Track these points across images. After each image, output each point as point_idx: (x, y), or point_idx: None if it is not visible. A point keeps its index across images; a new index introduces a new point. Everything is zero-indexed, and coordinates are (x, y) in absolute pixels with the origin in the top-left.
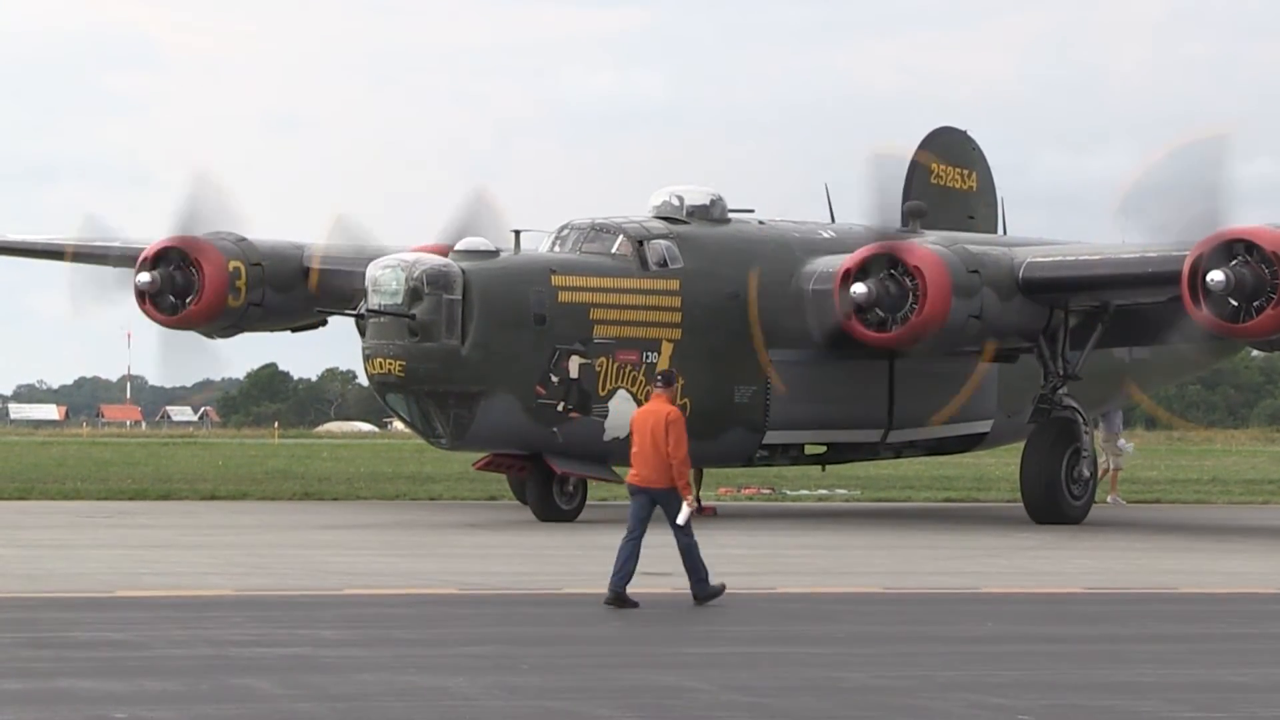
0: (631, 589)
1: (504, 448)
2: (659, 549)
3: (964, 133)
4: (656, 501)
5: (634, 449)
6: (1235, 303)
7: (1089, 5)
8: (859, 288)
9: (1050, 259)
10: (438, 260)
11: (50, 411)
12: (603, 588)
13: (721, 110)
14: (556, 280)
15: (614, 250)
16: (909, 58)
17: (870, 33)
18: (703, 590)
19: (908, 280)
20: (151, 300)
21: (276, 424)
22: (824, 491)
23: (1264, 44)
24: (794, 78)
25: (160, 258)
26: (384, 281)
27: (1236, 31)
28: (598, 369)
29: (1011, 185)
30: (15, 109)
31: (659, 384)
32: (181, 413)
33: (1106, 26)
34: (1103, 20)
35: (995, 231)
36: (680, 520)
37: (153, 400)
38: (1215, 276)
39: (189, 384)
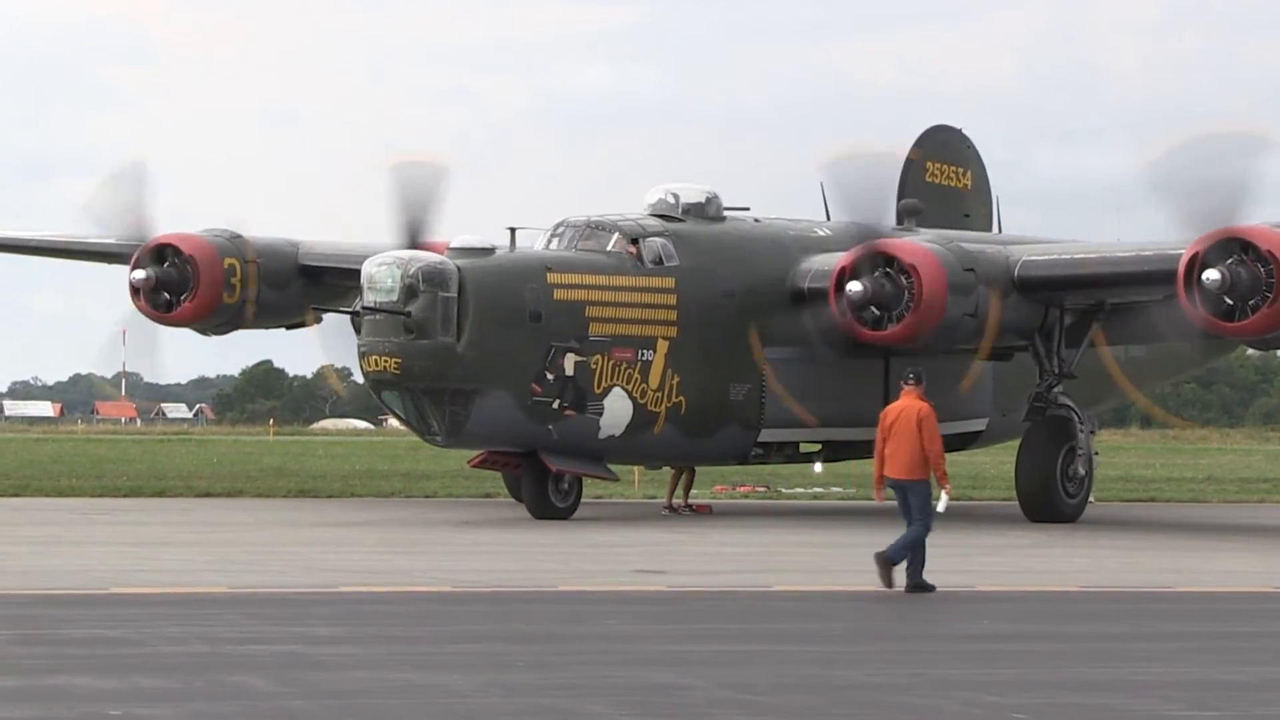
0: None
1: (499, 445)
2: (658, 545)
3: (959, 131)
4: (906, 492)
5: (887, 445)
6: (1231, 301)
7: (1086, 3)
8: (854, 286)
9: (1046, 257)
10: (433, 257)
11: (45, 408)
12: (597, 585)
13: (718, 107)
14: (552, 278)
15: (610, 248)
16: (906, 55)
17: (867, 30)
18: (915, 580)
19: (903, 278)
20: (146, 297)
21: (272, 421)
22: (819, 490)
23: (1262, 42)
24: (791, 75)
25: (155, 254)
26: (379, 279)
27: (1234, 29)
28: (593, 367)
29: (1007, 183)
30: (9, 103)
31: (910, 380)
32: (177, 410)
33: (1103, 24)
34: (1100, 18)
35: (990, 230)
36: (940, 509)
37: (148, 397)
38: (1211, 275)
39: (184, 381)
